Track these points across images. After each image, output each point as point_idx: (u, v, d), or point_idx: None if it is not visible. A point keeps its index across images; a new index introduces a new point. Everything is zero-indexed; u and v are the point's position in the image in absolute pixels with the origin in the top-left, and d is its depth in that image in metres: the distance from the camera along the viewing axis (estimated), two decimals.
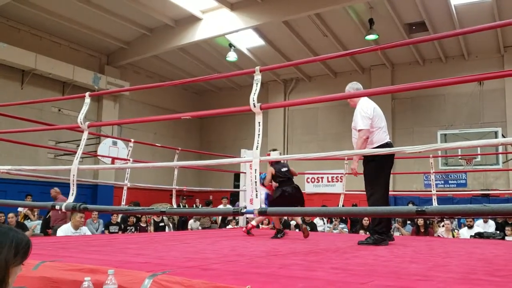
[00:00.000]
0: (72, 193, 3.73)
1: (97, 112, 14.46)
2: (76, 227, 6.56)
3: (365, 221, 10.01)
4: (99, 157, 11.92)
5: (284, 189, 5.73)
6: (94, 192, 13.73)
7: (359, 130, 4.64)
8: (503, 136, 12.03)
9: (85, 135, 4.04)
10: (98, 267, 2.46)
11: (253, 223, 6.44)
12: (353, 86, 4.92)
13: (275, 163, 5.88)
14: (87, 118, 4.25)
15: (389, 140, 4.83)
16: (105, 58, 15.00)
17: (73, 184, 3.75)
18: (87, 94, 4.17)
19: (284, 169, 5.85)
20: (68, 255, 3.06)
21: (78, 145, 4.08)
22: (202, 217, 12.09)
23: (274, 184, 5.88)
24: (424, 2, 11.40)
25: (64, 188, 3.84)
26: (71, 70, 13.12)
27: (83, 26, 12.82)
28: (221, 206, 12.05)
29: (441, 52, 13.93)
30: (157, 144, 9.06)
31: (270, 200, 5.88)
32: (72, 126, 4.45)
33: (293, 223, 11.14)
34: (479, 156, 11.69)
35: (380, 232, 4.69)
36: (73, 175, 3.74)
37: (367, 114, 4.68)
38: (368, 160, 4.68)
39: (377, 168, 4.65)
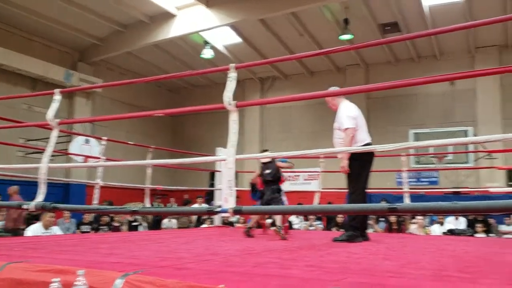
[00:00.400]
0: (42, 192, 3.64)
1: (69, 109, 14.16)
2: (46, 227, 6.42)
3: (339, 218, 10.11)
4: (71, 155, 11.69)
5: (263, 191, 5.79)
6: (66, 191, 13.45)
7: (345, 129, 4.77)
8: (474, 135, 12.32)
9: (55, 133, 3.95)
10: (67, 268, 2.40)
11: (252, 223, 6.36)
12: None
13: (262, 164, 5.89)
14: (59, 116, 4.15)
15: (370, 141, 4.93)
16: (77, 55, 14.70)
17: (43, 182, 3.65)
18: (56, 90, 4.07)
19: (266, 172, 5.83)
20: (37, 256, 2.98)
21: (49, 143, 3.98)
22: (182, 216, 11.99)
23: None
24: (398, 3, 11.56)
25: (35, 187, 3.73)
26: (42, 66, 12.82)
27: (55, 21, 12.53)
28: (196, 205, 11.98)
29: (414, 52, 14.17)
30: (130, 142, 8.92)
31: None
32: (41, 123, 4.34)
33: (268, 221, 11.15)
34: (450, 154, 11.93)
35: (355, 227, 4.80)
36: (43, 173, 3.65)
37: (352, 114, 4.87)
38: (351, 159, 4.76)
39: (360, 167, 4.79)
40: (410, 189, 8.36)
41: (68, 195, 13.30)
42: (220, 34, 13.59)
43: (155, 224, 12.39)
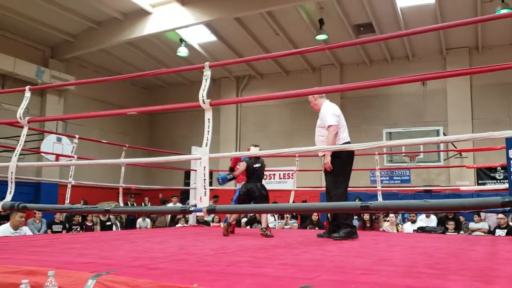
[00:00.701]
0: (10, 191, 3.56)
1: (40, 107, 13.86)
2: (15, 227, 6.26)
3: (314, 217, 10.19)
4: (42, 154, 11.45)
5: (249, 186, 5.71)
6: (37, 190, 13.18)
7: (329, 127, 4.87)
8: (444, 135, 12.60)
9: (24, 131, 3.87)
10: (37, 269, 2.35)
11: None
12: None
13: (251, 158, 5.82)
14: (30, 113, 4.07)
15: (349, 140, 5.11)
16: (49, 51, 14.39)
17: (11, 182, 3.57)
18: (27, 87, 3.99)
19: (257, 165, 5.79)
20: (5, 257, 2.91)
21: (19, 141, 3.89)
22: (159, 216, 11.89)
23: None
24: (372, 4, 11.72)
25: (5, 186, 3.64)
26: (12, 62, 12.48)
27: (26, 17, 12.23)
28: (170, 205, 11.90)
29: (387, 53, 14.39)
30: (103, 141, 8.80)
31: (237, 196, 5.91)
32: (11, 121, 4.24)
33: (243, 220, 11.17)
34: (422, 153, 12.17)
35: (351, 225, 4.95)
36: (11, 172, 3.56)
37: (335, 112, 5.01)
38: (333, 157, 4.85)
39: (342, 165, 4.89)
40: (383, 187, 8.50)
41: (39, 195, 13.02)
42: (195, 32, 13.52)
43: (129, 224, 12.25)
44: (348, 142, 5.03)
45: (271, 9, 11.85)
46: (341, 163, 4.87)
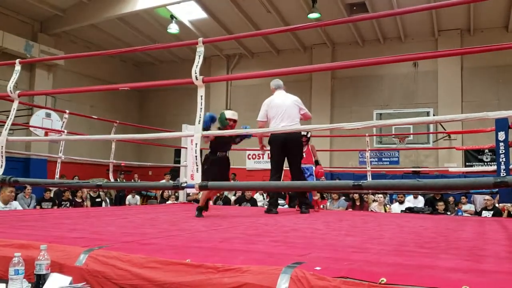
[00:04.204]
0: (1, 165, 3.52)
1: (29, 82, 13.64)
2: (5, 202, 6.24)
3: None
4: (31, 129, 11.33)
5: None
6: (26, 166, 13.07)
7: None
8: (434, 116, 12.67)
9: (15, 105, 3.82)
10: (29, 243, 2.35)
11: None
12: (274, 83, 5.91)
13: None
14: (19, 88, 4.01)
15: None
16: (38, 25, 14.11)
17: (2, 156, 3.54)
18: (17, 61, 3.93)
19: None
20: None
21: (8, 116, 3.84)
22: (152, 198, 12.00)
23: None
24: None
25: None
26: (0, 36, 12.24)
27: None
28: (163, 181, 11.90)
29: (380, 33, 14.33)
30: (93, 116, 8.71)
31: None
32: (1, 94, 4.18)
33: (233, 198, 11.22)
34: (411, 135, 12.26)
35: (307, 201, 5.83)
36: (1, 146, 3.53)
37: (267, 106, 5.68)
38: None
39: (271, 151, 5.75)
40: (372, 168, 8.56)
41: (28, 170, 12.93)
42: (186, 9, 13.33)
43: (118, 201, 12.26)
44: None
45: None
46: (271, 151, 5.67)
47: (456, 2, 3.23)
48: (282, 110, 5.47)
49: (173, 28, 13.81)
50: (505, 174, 4.85)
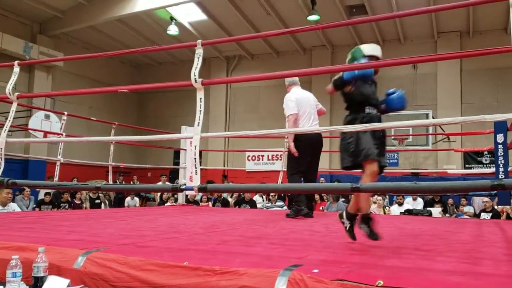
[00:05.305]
0: (0, 167, 3.52)
1: (28, 84, 13.64)
2: (3, 204, 6.23)
3: None
4: (30, 131, 11.33)
5: None
6: (25, 168, 13.06)
7: (288, 116, 5.18)
8: (434, 118, 12.68)
9: (14, 107, 3.81)
10: (27, 245, 2.35)
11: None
12: (290, 79, 5.53)
13: None
14: (17, 90, 4.01)
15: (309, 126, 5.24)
16: (37, 27, 14.11)
17: (1, 158, 3.53)
18: (16, 62, 3.93)
19: None
20: None
21: (7, 118, 3.84)
22: (150, 200, 12.00)
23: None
24: None
25: None
26: None
27: None
28: (160, 183, 11.89)
29: (379, 36, 14.34)
30: (92, 118, 8.70)
31: None
32: (0, 96, 4.17)
33: (231, 200, 11.21)
34: (410, 137, 12.27)
35: (299, 205, 5.24)
36: (1, 148, 3.52)
37: (295, 100, 5.23)
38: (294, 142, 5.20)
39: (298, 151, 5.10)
40: None
41: (27, 172, 12.93)
42: (186, 10, 13.34)
43: (117, 202, 12.26)
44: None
45: None
46: (298, 151, 5.09)
47: (455, 5, 3.23)
48: (308, 108, 5.29)
49: (173, 30, 13.81)
50: (503, 176, 4.84)
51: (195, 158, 3.17)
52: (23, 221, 4.11)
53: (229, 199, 11.26)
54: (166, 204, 9.91)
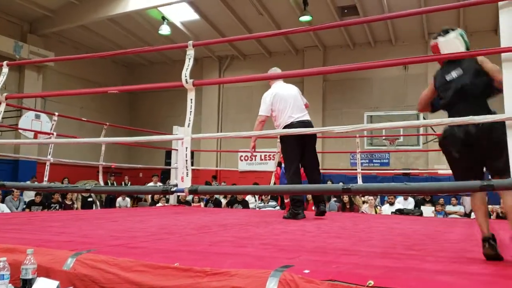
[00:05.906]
0: None
1: (18, 83, 13.52)
2: None
3: None
4: (20, 131, 11.24)
5: None
6: (15, 168, 12.96)
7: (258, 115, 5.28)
8: (424, 119, 12.74)
9: (2, 108, 3.78)
10: (15, 246, 2.33)
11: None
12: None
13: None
14: (7, 90, 3.97)
15: (295, 119, 5.11)
16: (27, 26, 13.99)
17: None
18: (4, 63, 3.89)
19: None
20: None
21: None
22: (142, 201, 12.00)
23: None
24: None
25: None
26: None
27: None
28: (151, 184, 11.85)
29: (371, 37, 14.40)
30: (83, 119, 8.66)
31: None
32: None
33: (224, 201, 11.20)
34: (401, 137, 12.33)
35: (295, 207, 5.07)
36: None
37: (269, 98, 5.34)
38: (280, 141, 5.31)
39: (286, 149, 5.15)
40: (363, 170, 8.59)
41: (17, 173, 12.82)
42: (178, 10, 13.30)
43: (108, 203, 12.20)
44: (291, 124, 5.04)
45: None
46: (286, 148, 5.10)
47: (446, 7, 3.25)
48: (291, 101, 5.24)
49: (165, 30, 13.77)
50: None
51: (186, 160, 3.16)
52: (12, 222, 4.07)
53: (222, 200, 11.25)
54: (157, 205, 9.87)
